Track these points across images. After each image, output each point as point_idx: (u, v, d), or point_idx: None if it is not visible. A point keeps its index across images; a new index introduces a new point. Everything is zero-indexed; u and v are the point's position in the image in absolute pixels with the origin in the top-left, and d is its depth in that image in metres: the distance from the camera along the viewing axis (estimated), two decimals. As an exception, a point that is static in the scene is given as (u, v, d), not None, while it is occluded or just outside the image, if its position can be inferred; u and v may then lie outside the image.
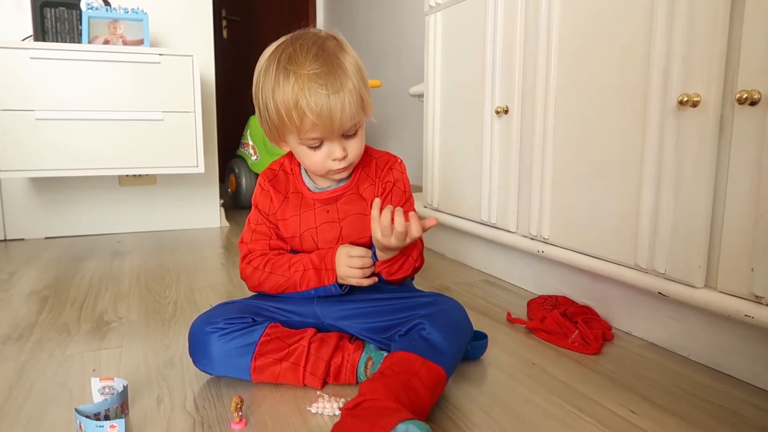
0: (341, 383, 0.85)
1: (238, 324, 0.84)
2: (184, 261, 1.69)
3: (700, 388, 0.85)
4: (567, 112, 1.16)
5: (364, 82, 0.85)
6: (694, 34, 0.87)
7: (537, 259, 1.32)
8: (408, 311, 0.85)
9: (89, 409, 0.69)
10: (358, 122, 0.85)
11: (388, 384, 0.70)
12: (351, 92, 0.80)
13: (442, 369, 0.75)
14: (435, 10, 1.65)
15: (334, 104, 0.78)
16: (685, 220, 0.91)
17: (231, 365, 0.83)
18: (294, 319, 0.90)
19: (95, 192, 2.14)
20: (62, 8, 1.87)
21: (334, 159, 0.85)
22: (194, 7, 2.21)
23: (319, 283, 0.88)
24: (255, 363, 0.82)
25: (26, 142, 1.75)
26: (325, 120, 0.79)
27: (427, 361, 0.74)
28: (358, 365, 0.84)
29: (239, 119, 3.05)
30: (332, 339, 0.87)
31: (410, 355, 0.75)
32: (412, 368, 0.73)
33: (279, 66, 0.81)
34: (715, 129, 0.85)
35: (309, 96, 0.78)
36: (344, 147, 0.85)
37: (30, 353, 0.98)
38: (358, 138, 0.87)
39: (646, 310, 1.04)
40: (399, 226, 0.78)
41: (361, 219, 0.92)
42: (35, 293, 1.35)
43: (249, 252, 0.94)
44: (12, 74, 1.72)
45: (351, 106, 0.80)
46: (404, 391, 0.70)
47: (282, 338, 0.84)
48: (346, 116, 0.80)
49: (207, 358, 0.83)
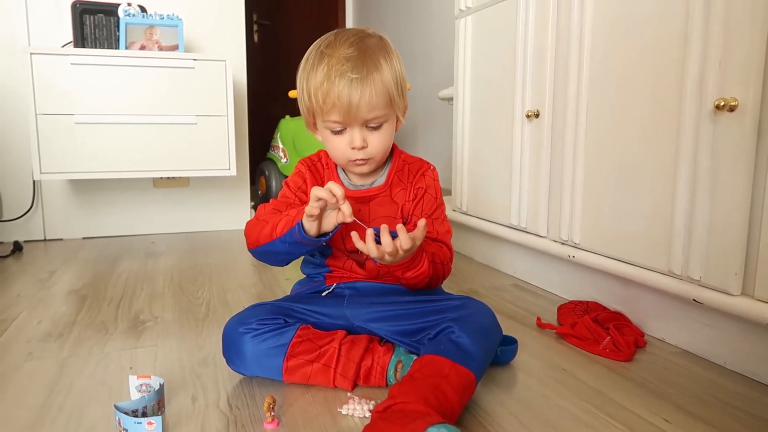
0: (371, 385, 0.85)
1: (271, 325, 0.85)
2: (216, 262, 1.72)
3: (734, 397, 0.84)
4: (598, 115, 1.15)
5: (397, 81, 0.87)
6: (730, 37, 0.86)
7: (567, 264, 1.31)
8: (437, 314, 0.85)
9: (128, 405, 0.72)
10: (383, 116, 0.86)
11: (418, 387, 0.71)
12: (376, 83, 0.83)
13: (471, 373, 0.75)
14: (465, 14, 1.65)
15: (355, 88, 0.82)
16: (721, 226, 0.89)
17: (264, 365, 0.84)
18: (324, 321, 0.91)
19: (130, 194, 2.19)
20: (101, 15, 1.92)
21: (353, 147, 0.86)
22: (227, 13, 2.26)
23: (292, 223, 0.83)
24: (287, 364, 0.83)
25: (65, 146, 1.81)
26: (344, 102, 0.82)
27: (456, 365, 0.75)
28: (387, 368, 0.85)
29: (269, 122, 3.09)
30: (362, 341, 0.87)
31: (439, 358, 0.75)
32: (442, 372, 0.73)
33: (317, 51, 0.87)
34: (753, 134, 0.84)
35: (334, 76, 0.82)
36: (365, 137, 0.86)
37: (70, 351, 1.01)
38: (382, 133, 0.87)
39: (679, 317, 1.02)
40: (386, 246, 0.78)
41: (390, 222, 0.93)
42: (74, 292, 1.40)
43: (261, 207, 0.95)
44: (53, 80, 1.77)
45: (374, 96, 0.83)
46: (434, 394, 0.70)
47: (313, 340, 0.85)
48: (366, 103, 0.82)
49: (240, 359, 0.85)
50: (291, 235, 0.84)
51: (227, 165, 1.99)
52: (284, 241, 0.85)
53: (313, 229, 0.82)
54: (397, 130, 0.94)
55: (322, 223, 0.83)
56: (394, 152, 0.98)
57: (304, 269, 1.03)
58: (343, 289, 0.96)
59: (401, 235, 0.78)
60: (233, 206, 2.35)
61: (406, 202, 0.95)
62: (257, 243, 0.90)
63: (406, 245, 0.78)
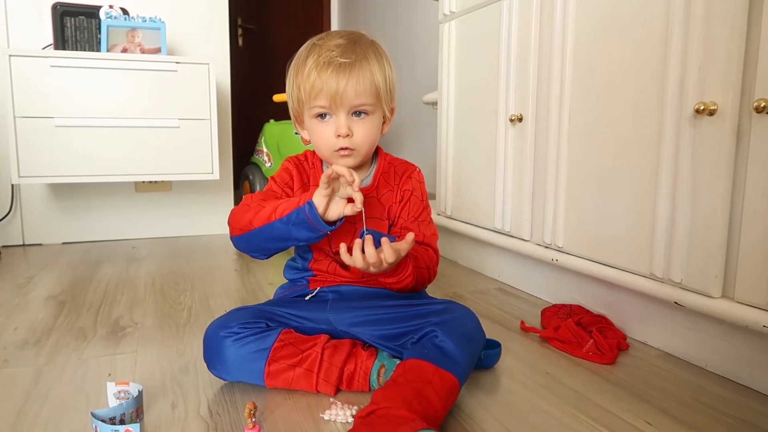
0: (354, 390, 0.85)
1: (253, 329, 0.84)
2: (199, 267, 1.70)
3: (716, 400, 0.84)
4: (581, 120, 1.16)
5: (386, 78, 0.88)
6: (710, 42, 0.87)
7: (551, 268, 1.31)
8: (420, 318, 0.85)
9: (105, 413, 0.70)
10: (369, 105, 0.87)
11: (402, 392, 0.70)
12: (364, 70, 0.85)
13: (455, 377, 0.75)
14: (449, 19, 1.66)
15: (342, 73, 0.83)
16: (701, 229, 0.90)
17: (245, 370, 0.83)
18: (307, 325, 0.90)
19: (111, 198, 2.16)
20: (82, 17, 1.90)
21: (338, 135, 0.86)
22: (211, 16, 2.24)
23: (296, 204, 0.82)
24: (269, 368, 0.82)
25: (45, 149, 1.78)
26: (332, 86, 0.83)
27: (440, 370, 0.74)
28: (370, 372, 0.84)
29: (254, 126, 3.07)
30: (345, 346, 0.86)
31: (423, 363, 0.75)
32: (426, 376, 0.73)
33: (309, 44, 0.89)
34: (732, 138, 0.85)
35: (323, 62, 0.84)
36: (350, 125, 0.87)
37: (47, 357, 0.99)
38: (367, 124, 0.88)
39: (661, 320, 1.03)
40: (370, 257, 0.78)
41: (378, 224, 0.92)
42: (52, 298, 1.37)
43: (248, 197, 0.93)
44: (32, 82, 1.75)
45: (360, 82, 0.84)
46: (417, 399, 0.70)
47: (296, 344, 0.84)
48: (352, 88, 0.84)
49: (221, 363, 0.84)
50: (297, 215, 0.80)
51: (210, 169, 1.97)
52: (286, 222, 0.82)
53: (321, 207, 0.80)
54: (384, 131, 0.94)
55: (328, 210, 0.81)
56: (379, 154, 0.98)
57: (287, 274, 1.02)
58: (326, 293, 0.95)
59: (386, 249, 0.78)
60: (216, 211, 2.32)
61: (393, 203, 0.95)
62: (249, 226, 0.86)
63: (390, 258, 0.78)
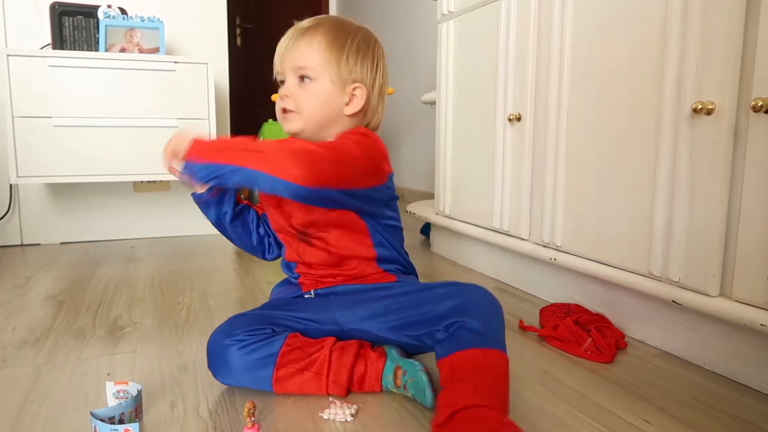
0: (365, 391, 0.84)
1: (258, 335, 0.83)
2: (198, 267, 1.71)
3: (715, 398, 0.84)
4: (580, 119, 1.16)
5: (345, 52, 0.88)
6: (708, 42, 0.87)
7: (549, 267, 1.32)
8: (433, 303, 0.81)
9: (104, 412, 0.70)
10: (311, 70, 0.88)
11: (470, 387, 0.69)
12: (315, 35, 0.87)
13: (500, 351, 0.75)
14: (447, 18, 1.66)
15: (294, 35, 0.88)
16: (699, 228, 0.90)
17: (252, 377, 0.82)
18: (312, 327, 0.88)
19: (110, 198, 2.16)
20: (80, 17, 1.90)
21: (281, 96, 0.89)
22: (209, 16, 2.24)
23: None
24: (277, 374, 0.81)
25: (44, 149, 1.78)
26: (281, 48, 0.89)
27: (485, 350, 0.73)
28: (383, 374, 0.83)
29: (252, 126, 3.06)
30: (353, 347, 0.85)
31: (468, 351, 0.73)
32: (478, 362, 0.72)
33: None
34: (730, 137, 0.85)
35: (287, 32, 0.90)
36: (293, 88, 0.88)
37: (46, 357, 0.99)
38: (312, 87, 0.88)
39: (659, 319, 1.03)
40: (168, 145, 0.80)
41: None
42: (51, 298, 1.37)
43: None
44: (31, 81, 1.75)
45: (305, 44, 0.87)
46: (488, 387, 0.70)
47: (303, 348, 0.83)
48: (295, 49, 0.87)
49: (228, 371, 0.82)
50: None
51: (209, 169, 1.97)
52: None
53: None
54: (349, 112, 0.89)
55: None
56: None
57: (281, 268, 1.02)
58: (327, 295, 0.94)
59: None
60: (215, 210, 2.32)
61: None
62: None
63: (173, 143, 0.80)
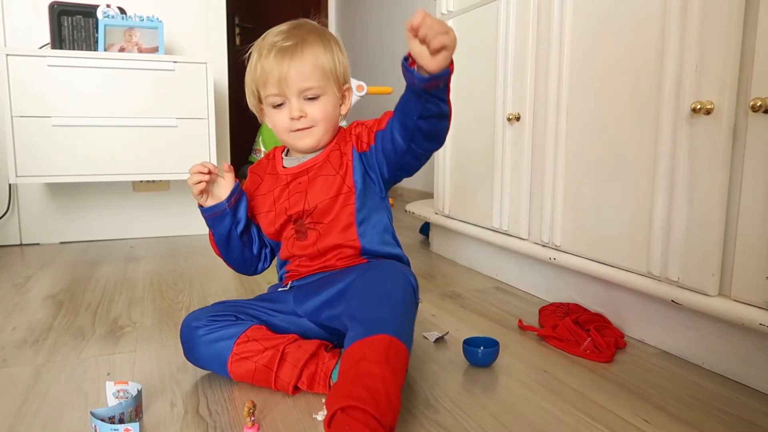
0: (315, 392, 0.84)
1: (221, 322, 0.88)
2: (197, 266, 1.70)
3: (714, 398, 0.85)
4: (579, 119, 1.16)
5: (334, 60, 0.88)
6: (707, 42, 0.87)
7: (549, 267, 1.32)
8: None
9: (104, 412, 0.70)
10: (318, 88, 0.87)
11: (342, 386, 0.67)
12: (305, 53, 0.86)
13: (384, 335, 0.71)
14: (447, 18, 1.66)
15: (285, 57, 0.85)
16: (698, 228, 0.90)
17: (213, 361, 0.87)
18: (277, 317, 0.92)
19: (109, 198, 2.16)
20: (79, 16, 1.90)
21: (292, 118, 0.88)
22: (208, 15, 2.24)
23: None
24: (231, 360, 0.85)
25: (43, 148, 1.78)
26: (275, 72, 0.85)
27: (366, 339, 0.71)
28: (331, 374, 0.84)
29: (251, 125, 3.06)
30: (310, 346, 0.86)
31: (354, 345, 0.72)
32: (356, 355, 0.70)
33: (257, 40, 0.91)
34: (729, 137, 0.85)
35: (266, 51, 0.86)
36: (302, 108, 0.87)
37: (46, 357, 0.99)
38: (320, 103, 0.88)
39: (659, 318, 1.03)
40: (433, 22, 0.72)
41: (327, 179, 0.90)
42: (51, 297, 1.37)
43: None
44: (30, 81, 1.75)
45: (303, 64, 0.85)
46: (359, 383, 0.66)
47: (260, 340, 0.86)
48: (295, 70, 0.85)
49: (191, 353, 0.89)
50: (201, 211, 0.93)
51: (208, 168, 1.97)
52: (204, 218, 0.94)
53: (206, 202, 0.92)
54: (345, 112, 0.93)
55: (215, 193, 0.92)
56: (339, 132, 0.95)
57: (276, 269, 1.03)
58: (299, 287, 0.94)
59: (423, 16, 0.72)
60: (215, 210, 2.32)
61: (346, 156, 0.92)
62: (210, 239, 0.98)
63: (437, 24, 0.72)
